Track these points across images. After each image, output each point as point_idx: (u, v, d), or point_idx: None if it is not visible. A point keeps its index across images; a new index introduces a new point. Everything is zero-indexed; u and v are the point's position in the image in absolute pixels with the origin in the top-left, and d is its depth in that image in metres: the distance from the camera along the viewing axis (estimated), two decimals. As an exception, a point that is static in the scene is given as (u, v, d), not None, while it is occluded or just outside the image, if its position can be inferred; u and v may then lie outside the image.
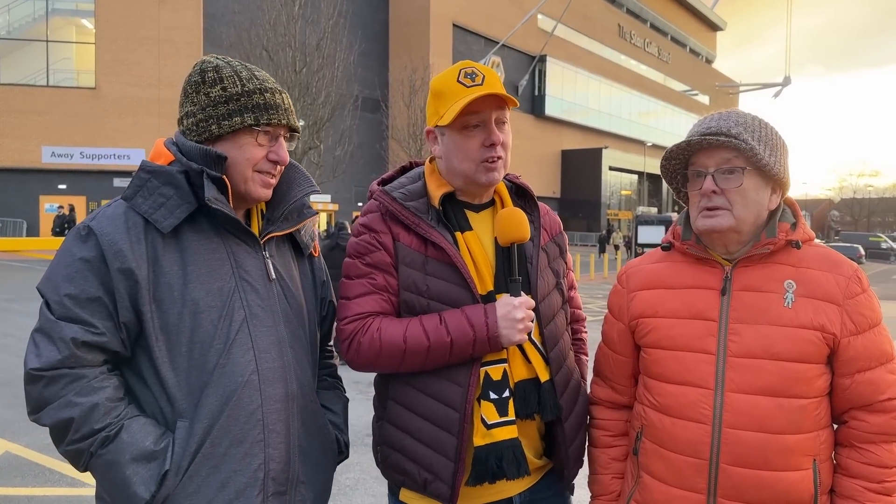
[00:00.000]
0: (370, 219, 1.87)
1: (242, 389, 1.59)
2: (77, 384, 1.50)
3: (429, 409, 1.79)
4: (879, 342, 1.65)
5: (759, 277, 1.69)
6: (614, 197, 58.45)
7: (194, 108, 1.65)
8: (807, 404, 1.62)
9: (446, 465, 1.75)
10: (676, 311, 1.76)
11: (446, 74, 1.85)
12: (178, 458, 1.53)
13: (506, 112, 1.84)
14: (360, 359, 1.79)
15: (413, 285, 1.80)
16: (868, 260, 46.13)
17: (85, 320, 1.51)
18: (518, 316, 1.74)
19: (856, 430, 1.65)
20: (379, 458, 1.91)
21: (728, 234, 1.72)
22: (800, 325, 1.63)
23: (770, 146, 1.68)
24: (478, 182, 1.83)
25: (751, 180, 1.68)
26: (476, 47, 44.18)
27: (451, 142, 1.83)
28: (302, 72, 20.48)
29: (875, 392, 1.62)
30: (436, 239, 1.78)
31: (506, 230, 1.80)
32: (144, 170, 1.61)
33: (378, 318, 1.79)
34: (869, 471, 1.62)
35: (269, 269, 1.72)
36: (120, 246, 1.53)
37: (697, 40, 76.49)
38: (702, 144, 1.71)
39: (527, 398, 1.80)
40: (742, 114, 1.73)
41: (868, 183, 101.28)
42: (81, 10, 32.73)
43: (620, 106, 60.57)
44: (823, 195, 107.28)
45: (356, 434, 6.00)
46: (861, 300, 1.65)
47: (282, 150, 1.69)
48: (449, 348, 1.73)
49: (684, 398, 1.70)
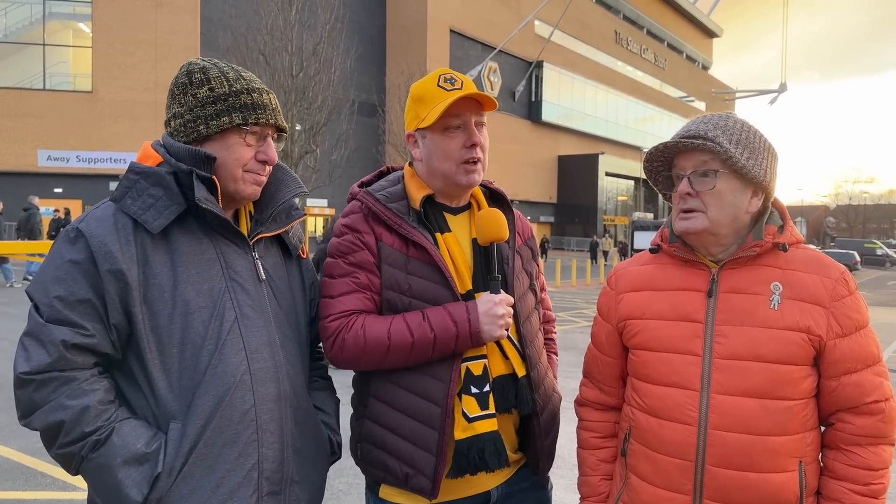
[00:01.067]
0: (353, 219, 1.89)
1: (235, 389, 1.58)
2: (67, 387, 1.49)
3: (410, 404, 1.81)
4: (866, 344, 1.64)
5: (746, 279, 1.69)
6: (610, 202, 58.63)
7: (182, 109, 1.65)
8: (793, 406, 1.62)
9: (428, 459, 1.78)
10: (663, 313, 1.76)
11: (426, 80, 1.91)
12: (171, 459, 1.52)
13: (484, 116, 1.90)
14: (344, 356, 1.81)
15: (395, 284, 1.83)
16: (863, 266, 46.28)
17: (74, 322, 1.50)
18: (499, 312, 1.78)
19: (842, 432, 1.64)
20: (359, 455, 1.93)
21: (704, 236, 1.72)
22: (785, 327, 1.62)
23: (750, 149, 1.67)
24: (458, 183, 1.88)
25: (726, 183, 1.67)
26: (473, 53, 44.31)
27: (432, 143, 1.87)
28: (298, 76, 20.51)
29: (861, 394, 1.62)
30: (417, 239, 1.82)
31: (486, 229, 1.85)
32: (133, 171, 1.61)
33: (362, 316, 1.81)
34: (854, 473, 1.61)
35: (259, 269, 1.72)
36: (109, 247, 1.52)
37: (694, 47, 76.87)
38: (678, 147, 1.72)
39: (505, 392, 1.84)
40: (725, 117, 1.73)
41: (863, 189, 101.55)
42: (78, 14, 32.79)
43: (617, 112, 60.81)
44: (819, 201, 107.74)
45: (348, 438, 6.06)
46: (848, 302, 1.65)
47: (270, 149, 1.69)
48: (432, 344, 1.76)
49: (670, 400, 1.70)
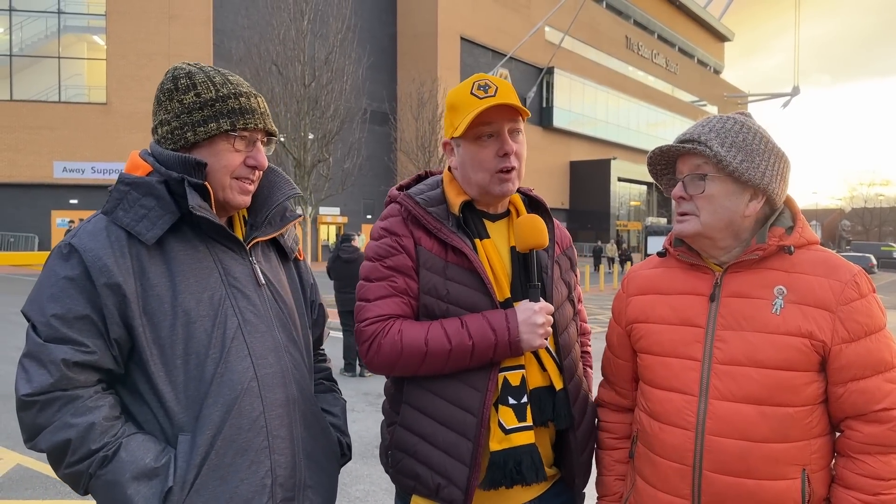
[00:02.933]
0: (392, 222, 1.86)
1: (243, 397, 1.56)
2: (72, 405, 1.46)
3: (445, 412, 1.77)
4: (876, 350, 1.57)
5: (749, 283, 1.67)
6: (623, 208, 58.30)
7: (168, 116, 1.63)
8: (794, 413, 1.58)
9: (461, 469, 1.74)
10: (666, 317, 1.76)
11: (461, 88, 1.87)
12: (183, 472, 1.49)
13: (519, 122, 1.85)
14: (380, 360, 1.78)
15: (433, 289, 1.80)
16: (880, 269, 45.80)
17: (74, 340, 1.47)
18: (539, 321, 1.74)
19: (851, 440, 1.59)
20: (389, 462, 1.89)
21: (698, 239, 1.71)
22: (786, 332, 1.59)
23: (746, 152, 1.64)
24: (492, 192, 1.85)
25: (718, 186, 1.66)
26: (483, 60, 44.35)
27: (466, 152, 1.85)
28: (311, 85, 20.61)
29: (870, 401, 1.56)
30: (457, 244, 1.79)
31: (526, 236, 1.81)
32: (123, 182, 1.58)
33: (399, 321, 1.78)
34: (864, 482, 1.55)
35: (258, 274, 1.70)
36: (104, 261, 1.49)
37: (705, 51, 76.51)
38: (671, 151, 1.73)
39: (542, 405, 1.80)
40: (724, 119, 1.70)
41: (878, 192, 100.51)
42: (93, 27, 33.13)
43: (629, 117, 60.54)
44: (834, 205, 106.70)
45: (366, 446, 5.70)
46: (857, 306, 1.58)
47: (260, 154, 1.67)
48: (470, 352, 1.72)
49: (670, 404, 1.70)
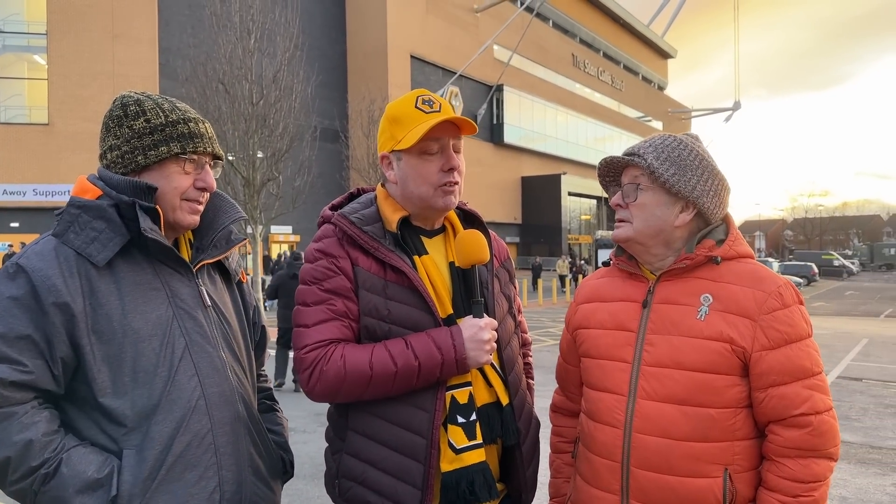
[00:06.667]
0: (327, 244, 1.82)
1: (192, 415, 1.60)
2: (7, 423, 1.47)
3: (392, 436, 1.73)
4: (797, 357, 1.65)
5: (678, 291, 1.76)
6: (574, 222, 59.17)
7: (118, 142, 1.67)
8: (715, 414, 1.66)
9: (413, 493, 1.71)
10: (603, 323, 1.86)
11: (404, 101, 1.85)
12: (129, 486, 1.51)
13: (461, 140, 1.86)
14: (322, 388, 1.73)
15: (374, 310, 1.76)
16: (822, 277, 47.33)
17: (13, 359, 1.48)
18: (485, 337, 1.74)
19: (773, 443, 1.66)
20: (338, 492, 1.83)
21: (632, 245, 1.82)
22: (708, 337, 1.68)
23: (679, 166, 1.75)
24: (434, 206, 1.83)
25: (651, 196, 1.77)
26: (434, 77, 44.66)
27: (409, 166, 1.82)
28: (259, 104, 20.42)
29: (789, 406, 1.63)
30: (396, 263, 1.76)
31: (468, 251, 1.81)
32: (74, 205, 1.61)
33: (341, 345, 1.74)
34: (784, 484, 1.63)
35: (204, 296, 1.73)
36: (53, 281, 1.52)
37: (649, 68, 78.48)
38: (615, 162, 1.85)
39: (491, 422, 1.79)
40: (664, 137, 1.82)
41: (818, 203, 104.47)
42: (33, 47, 32.30)
43: (577, 133, 61.63)
44: (777, 215, 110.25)
45: (317, 467, 5.54)
46: (778, 315, 1.67)
47: (208, 176, 1.73)
48: (417, 372, 1.69)
49: (603, 404, 1.80)
